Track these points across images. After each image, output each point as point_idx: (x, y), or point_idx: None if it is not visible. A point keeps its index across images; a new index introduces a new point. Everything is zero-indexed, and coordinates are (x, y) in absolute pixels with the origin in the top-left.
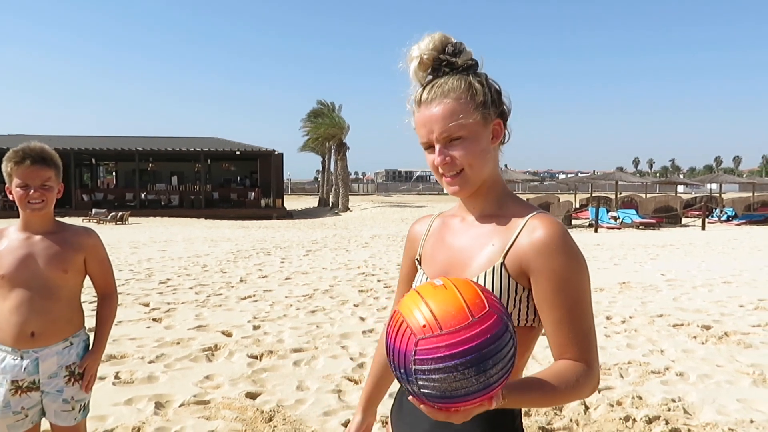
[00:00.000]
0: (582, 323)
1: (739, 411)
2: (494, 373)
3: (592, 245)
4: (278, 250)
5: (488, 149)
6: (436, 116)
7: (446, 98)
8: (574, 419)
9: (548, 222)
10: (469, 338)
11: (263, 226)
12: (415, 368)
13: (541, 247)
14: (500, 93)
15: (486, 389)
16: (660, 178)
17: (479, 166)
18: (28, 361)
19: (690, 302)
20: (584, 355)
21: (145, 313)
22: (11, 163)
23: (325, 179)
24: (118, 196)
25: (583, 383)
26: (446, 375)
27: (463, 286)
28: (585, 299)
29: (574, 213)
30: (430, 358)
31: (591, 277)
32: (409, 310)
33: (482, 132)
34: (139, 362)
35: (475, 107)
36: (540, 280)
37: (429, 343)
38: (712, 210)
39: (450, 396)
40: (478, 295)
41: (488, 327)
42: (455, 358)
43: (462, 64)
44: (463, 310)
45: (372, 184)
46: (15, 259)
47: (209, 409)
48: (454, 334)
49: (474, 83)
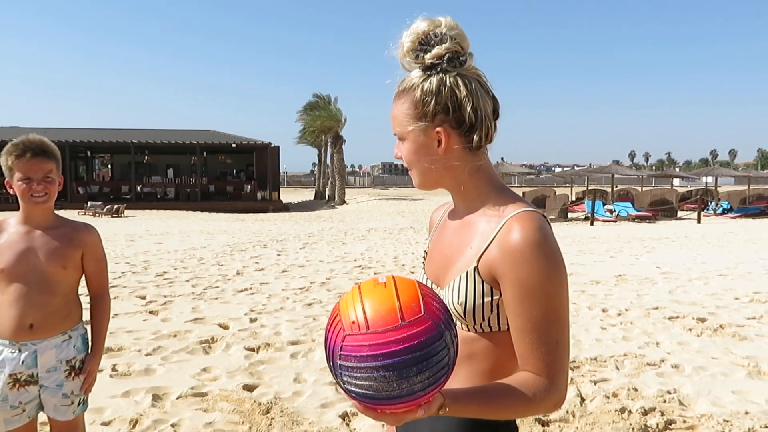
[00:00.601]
0: (548, 336)
1: (734, 402)
2: (419, 380)
3: (588, 238)
4: (275, 243)
5: (433, 154)
6: (392, 113)
7: (398, 99)
8: (570, 411)
9: (524, 225)
10: (394, 341)
11: (259, 218)
12: (340, 363)
13: (509, 253)
14: (459, 97)
15: (409, 396)
16: (656, 172)
17: (421, 169)
18: (26, 354)
19: (685, 295)
20: (546, 369)
21: (141, 305)
22: (12, 157)
23: (322, 172)
24: (114, 189)
25: (541, 398)
26: (367, 375)
27: (405, 287)
28: (554, 311)
29: (570, 206)
30: (353, 355)
31: (587, 269)
32: (345, 305)
33: (422, 138)
34: (136, 355)
35: (415, 116)
36: (506, 286)
37: (354, 340)
38: (707, 203)
39: (372, 397)
40: (416, 299)
41: (417, 333)
42: (377, 359)
43: (424, 62)
44: (393, 311)
45: (368, 177)
46: (15, 253)
47: (206, 402)
48: (380, 334)
49: (423, 89)
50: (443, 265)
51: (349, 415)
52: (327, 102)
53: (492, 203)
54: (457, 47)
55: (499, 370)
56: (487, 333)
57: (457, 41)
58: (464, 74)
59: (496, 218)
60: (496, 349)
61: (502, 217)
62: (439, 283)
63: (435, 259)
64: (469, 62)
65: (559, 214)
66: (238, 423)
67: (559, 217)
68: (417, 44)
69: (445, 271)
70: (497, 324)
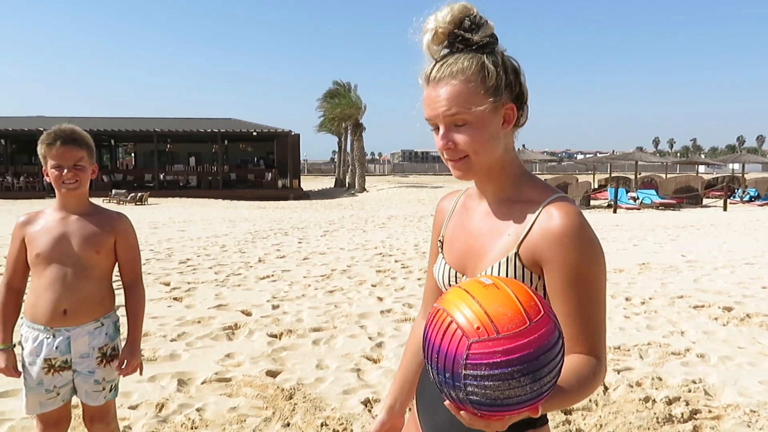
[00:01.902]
0: (594, 317)
1: (761, 393)
2: (548, 381)
3: (611, 226)
4: (296, 231)
5: (497, 135)
6: (442, 97)
7: (455, 79)
8: (594, 400)
9: (565, 210)
10: (527, 344)
11: (280, 206)
12: (466, 373)
13: (556, 238)
14: (518, 73)
15: (537, 398)
16: (681, 158)
17: (485, 152)
18: (60, 339)
19: (711, 283)
20: (594, 349)
21: (166, 292)
22: (44, 145)
23: (342, 160)
24: (137, 177)
25: (597, 378)
26: (500, 382)
27: (515, 287)
28: (598, 293)
29: (592, 194)
30: (484, 363)
31: (610, 258)
32: (457, 309)
33: (490, 118)
34: (161, 340)
35: (485, 92)
36: (553, 271)
37: (484, 346)
38: (734, 190)
39: (500, 404)
40: (532, 298)
41: (545, 332)
42: (512, 364)
43: (478, 41)
44: (520, 313)
45: (388, 165)
46: (50, 238)
47: (231, 387)
48: (512, 338)
49: (488, 64)
50: (472, 252)
51: (371, 401)
52: (347, 89)
53: (525, 189)
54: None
55: None
56: None
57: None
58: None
59: (532, 204)
60: None
61: (539, 203)
62: (466, 271)
63: (459, 247)
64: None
65: (581, 202)
66: (261, 408)
67: (581, 204)
68: (458, 26)
69: (477, 259)
70: None
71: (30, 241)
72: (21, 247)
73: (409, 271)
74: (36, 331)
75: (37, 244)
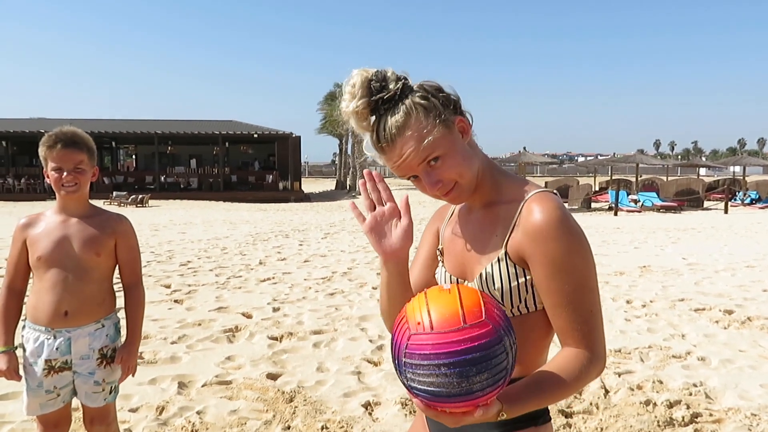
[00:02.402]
0: (582, 308)
1: (762, 396)
2: (478, 381)
3: (612, 229)
4: (296, 233)
5: (466, 150)
6: (405, 153)
7: (403, 134)
8: (594, 403)
9: (543, 204)
10: (456, 342)
11: (281, 208)
12: (405, 361)
13: (534, 233)
14: (440, 89)
15: (468, 395)
16: (682, 161)
17: (467, 170)
18: (60, 340)
19: (712, 286)
20: (586, 341)
21: (166, 294)
22: (45, 148)
23: (343, 162)
24: (138, 179)
25: (587, 372)
26: (429, 372)
27: (468, 293)
28: (585, 283)
29: (593, 196)
30: (417, 353)
31: (611, 260)
32: (412, 308)
33: (453, 139)
34: (162, 343)
35: (434, 122)
36: (535, 265)
37: (419, 339)
38: (735, 193)
39: (433, 394)
40: (477, 304)
41: (478, 335)
42: (439, 357)
43: (394, 94)
44: (457, 314)
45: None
46: (51, 241)
47: (231, 390)
48: (443, 335)
49: (418, 102)
50: (468, 258)
51: (371, 404)
52: None
53: (505, 189)
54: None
55: (533, 350)
56: (524, 315)
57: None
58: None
59: (514, 203)
60: (531, 330)
61: (519, 201)
62: (466, 276)
63: (456, 254)
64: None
65: (582, 204)
66: (262, 411)
67: (582, 207)
68: (371, 95)
69: (474, 263)
70: (534, 304)
71: (31, 244)
72: (22, 249)
73: None
74: (37, 332)
75: (38, 247)
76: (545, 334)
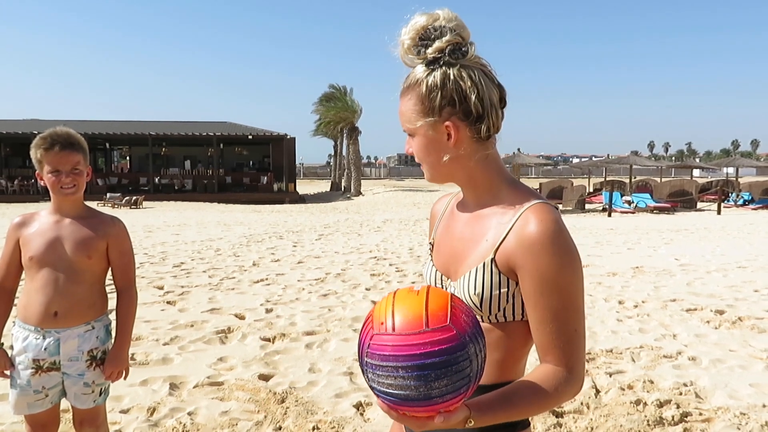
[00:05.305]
0: (567, 326)
1: (751, 395)
2: (436, 386)
3: (606, 230)
4: (291, 234)
5: (442, 150)
6: (399, 110)
7: (406, 95)
8: (585, 402)
9: (541, 217)
10: (415, 345)
11: (276, 210)
12: (367, 360)
13: (528, 245)
14: (465, 92)
15: (426, 400)
16: (675, 162)
17: (430, 164)
18: (49, 340)
19: (704, 287)
20: (566, 359)
21: (159, 296)
22: (41, 150)
23: (338, 163)
24: (132, 181)
25: (562, 391)
26: (387, 374)
27: (436, 297)
28: (572, 301)
29: (587, 197)
30: (377, 353)
31: (604, 261)
32: (379, 308)
33: (431, 134)
34: (153, 344)
35: (423, 111)
36: (525, 277)
37: (380, 340)
38: (728, 194)
39: (392, 396)
40: (444, 308)
41: (439, 340)
42: (398, 359)
43: (428, 56)
44: (420, 317)
45: (384, 169)
46: (44, 241)
47: (223, 391)
48: (403, 337)
49: (428, 84)
50: (455, 257)
51: (363, 405)
52: (343, 93)
53: (504, 195)
54: (458, 38)
55: (510, 360)
56: (501, 323)
57: (457, 32)
58: (467, 65)
59: (511, 210)
60: (509, 339)
61: (517, 209)
62: (451, 275)
63: (444, 251)
64: (471, 52)
65: (576, 206)
66: (253, 412)
67: (576, 208)
68: (417, 40)
69: (458, 263)
70: (512, 314)
71: (24, 244)
72: (15, 248)
73: (404, 274)
74: (26, 331)
75: (30, 246)
76: (524, 343)
